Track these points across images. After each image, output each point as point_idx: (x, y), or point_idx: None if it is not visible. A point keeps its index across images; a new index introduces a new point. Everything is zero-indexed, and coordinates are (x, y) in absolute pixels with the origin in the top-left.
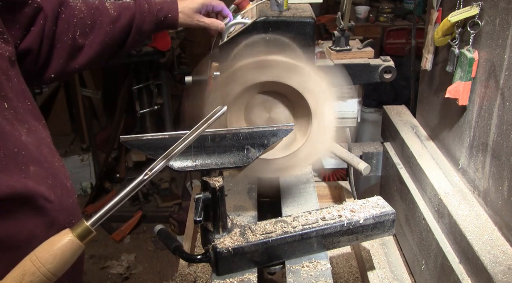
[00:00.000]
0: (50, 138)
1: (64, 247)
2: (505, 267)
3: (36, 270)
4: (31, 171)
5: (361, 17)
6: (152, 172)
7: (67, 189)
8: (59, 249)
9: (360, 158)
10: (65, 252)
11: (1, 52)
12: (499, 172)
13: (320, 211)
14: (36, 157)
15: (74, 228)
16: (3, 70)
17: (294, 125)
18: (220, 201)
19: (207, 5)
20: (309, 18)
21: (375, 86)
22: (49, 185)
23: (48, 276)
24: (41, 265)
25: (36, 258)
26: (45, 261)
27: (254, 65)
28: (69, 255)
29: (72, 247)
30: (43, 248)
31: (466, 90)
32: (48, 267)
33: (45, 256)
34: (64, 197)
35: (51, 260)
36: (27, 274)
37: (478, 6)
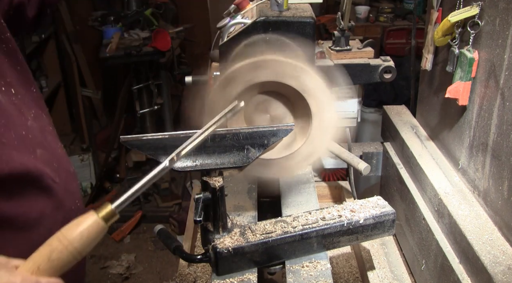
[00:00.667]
0: (53, 127)
1: (90, 228)
2: (505, 267)
3: (63, 248)
4: (38, 154)
5: (361, 17)
6: (179, 156)
7: (71, 174)
8: (85, 229)
9: (360, 158)
10: (91, 232)
11: (7, 35)
12: (499, 172)
13: (320, 211)
14: (41, 142)
15: (99, 210)
16: (8, 56)
17: (294, 125)
18: (220, 201)
19: None
20: (309, 18)
21: (375, 86)
22: (54, 168)
23: (75, 255)
24: (69, 243)
25: (63, 237)
26: (73, 240)
27: (255, 64)
28: (95, 235)
29: (97, 228)
30: (70, 228)
31: (466, 90)
32: (75, 246)
33: (72, 236)
34: (69, 181)
35: (78, 239)
36: (55, 251)
37: (478, 6)
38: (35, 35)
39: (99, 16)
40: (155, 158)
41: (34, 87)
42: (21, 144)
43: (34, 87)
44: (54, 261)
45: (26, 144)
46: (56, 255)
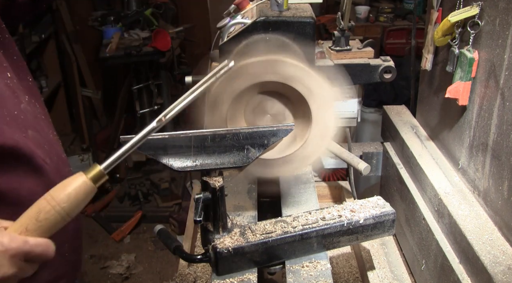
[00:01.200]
0: (48, 117)
1: (78, 188)
2: (505, 267)
3: (51, 208)
4: (29, 134)
5: (361, 17)
6: (166, 117)
7: (63, 160)
8: (73, 190)
9: (360, 158)
10: (79, 193)
11: (2, 27)
12: (499, 172)
13: (320, 211)
14: (33, 125)
15: (87, 171)
16: (3, 46)
17: (294, 125)
18: (220, 201)
19: None
20: (309, 18)
21: (375, 86)
22: (46, 151)
23: (63, 215)
24: (56, 204)
25: (51, 198)
26: (60, 200)
27: (259, 64)
28: (83, 196)
29: (86, 188)
30: (58, 188)
31: (466, 90)
32: (63, 206)
33: (60, 196)
34: (60, 165)
35: (66, 199)
36: (42, 212)
37: (478, 6)
38: (35, 35)
39: (99, 16)
40: (155, 158)
41: (30, 77)
42: (13, 122)
43: (30, 77)
44: (41, 221)
45: (18, 124)
46: (43, 215)
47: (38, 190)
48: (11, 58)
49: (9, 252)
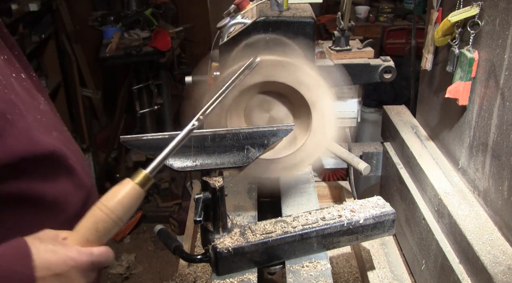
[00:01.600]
0: (56, 111)
1: (129, 194)
2: (505, 267)
3: (107, 217)
4: (54, 136)
5: (361, 17)
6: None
7: (81, 154)
8: (124, 197)
9: (360, 158)
10: (130, 198)
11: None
12: (499, 172)
13: (320, 211)
14: (54, 124)
15: (133, 177)
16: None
17: (294, 125)
18: (220, 201)
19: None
20: (309, 18)
21: (375, 86)
22: (70, 149)
23: (117, 222)
24: (111, 212)
25: (105, 207)
26: (114, 209)
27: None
28: (134, 201)
29: (135, 193)
30: (109, 197)
31: (466, 90)
32: (117, 214)
33: (113, 204)
34: (82, 160)
35: (120, 207)
36: (99, 222)
37: (478, 6)
38: (35, 35)
39: (99, 16)
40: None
41: (33, 73)
42: (41, 127)
43: (33, 72)
44: (100, 231)
45: (44, 127)
46: (102, 225)
47: (71, 191)
48: (19, 57)
49: (80, 266)
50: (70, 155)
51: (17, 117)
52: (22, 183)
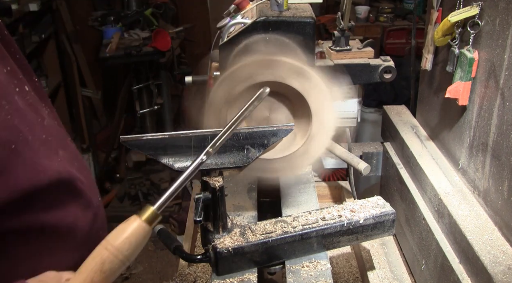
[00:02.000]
0: (56, 114)
1: (136, 233)
2: (505, 267)
3: (114, 257)
4: (60, 155)
5: (361, 17)
6: (213, 149)
7: (87, 168)
8: (132, 235)
9: (360, 158)
10: (138, 237)
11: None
12: (499, 172)
13: (320, 211)
14: (59, 141)
15: (140, 213)
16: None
17: (294, 125)
18: (220, 201)
19: None
20: (309, 18)
21: (375, 86)
22: (77, 167)
23: (124, 261)
24: (118, 252)
25: (111, 246)
26: (121, 248)
27: (259, 64)
28: (141, 239)
29: (143, 231)
30: (116, 235)
31: (466, 90)
32: (124, 253)
33: (120, 244)
34: (89, 176)
35: (127, 246)
36: (106, 262)
37: (478, 6)
38: (35, 35)
39: (99, 16)
40: (155, 158)
41: (34, 77)
42: (47, 149)
43: (35, 76)
44: (106, 272)
45: (50, 148)
46: (107, 265)
47: (79, 214)
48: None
49: None
50: (77, 175)
51: (22, 145)
52: (30, 215)
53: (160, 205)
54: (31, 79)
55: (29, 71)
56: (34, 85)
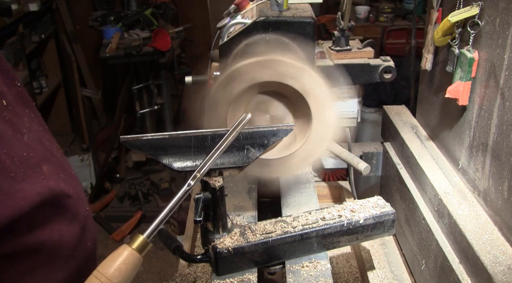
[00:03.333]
0: (43, 123)
1: (127, 261)
2: (505, 267)
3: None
4: (45, 171)
5: (361, 17)
6: (200, 174)
7: (75, 178)
8: (122, 264)
9: (360, 158)
10: (128, 265)
11: None
12: (499, 172)
13: (320, 211)
14: (43, 155)
15: (130, 242)
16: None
17: (294, 125)
18: (220, 201)
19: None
20: (309, 18)
21: (375, 86)
22: (63, 179)
23: None
24: (108, 280)
25: (102, 275)
26: (112, 276)
27: (259, 64)
28: (132, 268)
29: (133, 260)
30: (106, 265)
31: (466, 90)
32: (116, 281)
33: (110, 272)
34: (77, 187)
35: (117, 274)
36: None
37: (478, 6)
38: (35, 35)
39: (99, 16)
40: (155, 158)
41: (17, 81)
42: (27, 169)
43: (17, 81)
44: None
45: (31, 166)
46: None
47: (64, 229)
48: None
49: None
50: (62, 189)
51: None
52: (12, 240)
53: (149, 233)
54: (14, 85)
55: (11, 76)
56: (16, 90)
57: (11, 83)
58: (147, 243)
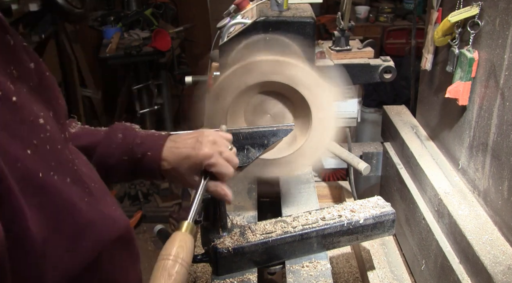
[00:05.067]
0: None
1: (183, 242)
2: (505, 267)
3: (173, 262)
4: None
5: (361, 17)
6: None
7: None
8: (180, 245)
9: (360, 158)
10: (186, 244)
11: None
12: (499, 172)
13: (320, 211)
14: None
15: (179, 228)
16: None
17: (294, 125)
18: (220, 201)
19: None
20: (309, 18)
21: (375, 86)
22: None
23: (186, 265)
24: (176, 257)
25: (168, 255)
26: (177, 254)
27: (242, 70)
28: (189, 246)
29: (188, 240)
30: (167, 247)
31: (466, 90)
32: (182, 257)
33: (174, 252)
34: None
35: (180, 252)
36: (168, 267)
37: (478, 6)
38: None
39: (99, 16)
40: None
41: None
42: (108, 200)
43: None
44: (173, 275)
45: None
46: (172, 270)
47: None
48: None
49: None
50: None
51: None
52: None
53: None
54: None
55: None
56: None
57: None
58: (193, 225)
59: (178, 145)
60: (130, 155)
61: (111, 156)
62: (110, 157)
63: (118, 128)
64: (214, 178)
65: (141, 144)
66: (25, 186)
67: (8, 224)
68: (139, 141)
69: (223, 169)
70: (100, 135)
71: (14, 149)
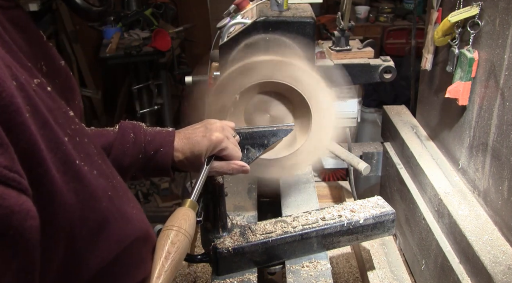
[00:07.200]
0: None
1: (185, 216)
2: (505, 267)
3: (176, 232)
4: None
5: (361, 17)
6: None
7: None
8: (184, 215)
9: (360, 158)
10: (188, 217)
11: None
12: (499, 172)
13: (320, 211)
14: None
15: (182, 204)
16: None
17: (294, 125)
18: (220, 201)
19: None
20: (309, 18)
21: (375, 86)
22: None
23: (188, 235)
24: (179, 227)
25: (171, 226)
26: (180, 225)
27: (242, 70)
28: (192, 219)
29: (190, 214)
30: (172, 220)
31: (466, 90)
32: (185, 227)
33: (177, 223)
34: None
35: (183, 223)
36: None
37: (478, 6)
38: None
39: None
40: None
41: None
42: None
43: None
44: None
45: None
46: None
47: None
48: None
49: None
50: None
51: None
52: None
53: (195, 196)
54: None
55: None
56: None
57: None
58: (195, 203)
59: (188, 135)
60: (143, 153)
61: (127, 155)
62: (125, 156)
63: (128, 127)
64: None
65: (152, 141)
66: (66, 170)
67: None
68: (149, 139)
69: (234, 152)
70: (111, 136)
71: (58, 133)
